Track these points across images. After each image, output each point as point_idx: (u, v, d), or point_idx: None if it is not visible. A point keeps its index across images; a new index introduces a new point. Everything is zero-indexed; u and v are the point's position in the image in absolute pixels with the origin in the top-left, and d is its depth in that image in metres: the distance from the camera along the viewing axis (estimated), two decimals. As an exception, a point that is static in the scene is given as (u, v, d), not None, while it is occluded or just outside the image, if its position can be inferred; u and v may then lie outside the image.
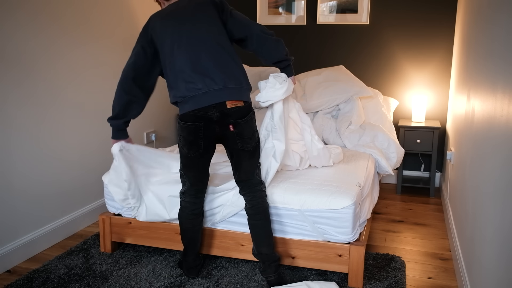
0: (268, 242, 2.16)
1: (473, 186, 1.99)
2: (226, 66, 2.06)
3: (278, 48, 2.20)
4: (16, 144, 2.40)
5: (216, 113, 2.01)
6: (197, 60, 2.03)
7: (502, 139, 1.47)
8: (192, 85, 2.01)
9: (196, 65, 2.03)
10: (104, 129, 3.10)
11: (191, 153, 2.08)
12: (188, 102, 2.02)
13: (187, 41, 2.05)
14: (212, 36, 2.08)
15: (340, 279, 2.26)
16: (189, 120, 2.02)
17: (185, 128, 2.04)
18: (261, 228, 2.16)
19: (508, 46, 1.48)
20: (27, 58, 2.43)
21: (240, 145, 2.09)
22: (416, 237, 2.84)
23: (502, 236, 1.38)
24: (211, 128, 2.05)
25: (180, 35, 2.07)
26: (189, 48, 2.05)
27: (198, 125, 2.02)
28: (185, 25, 2.08)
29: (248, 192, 2.17)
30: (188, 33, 2.06)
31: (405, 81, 3.83)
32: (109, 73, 3.12)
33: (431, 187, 3.61)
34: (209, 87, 2.00)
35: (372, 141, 3.17)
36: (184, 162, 2.13)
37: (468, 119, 2.33)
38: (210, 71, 2.03)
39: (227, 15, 2.16)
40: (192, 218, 2.22)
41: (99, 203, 3.10)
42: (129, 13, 3.30)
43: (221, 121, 2.03)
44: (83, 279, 2.26)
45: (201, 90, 2.00)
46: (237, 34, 2.17)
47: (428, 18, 3.67)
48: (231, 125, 2.05)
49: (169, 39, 2.07)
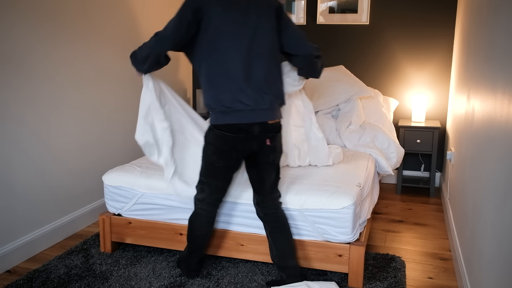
0: (294, 253, 2.15)
1: (473, 186, 1.99)
2: (274, 84, 2.01)
3: (319, 71, 2.19)
4: (16, 144, 2.40)
5: (258, 128, 1.97)
6: (251, 71, 1.94)
7: (502, 139, 1.47)
8: (240, 98, 1.92)
9: (249, 76, 1.93)
10: (104, 129, 3.10)
11: (220, 162, 2.01)
12: (231, 115, 1.94)
13: (247, 45, 1.93)
14: (269, 47, 1.98)
15: (340, 279, 2.26)
16: (229, 130, 1.94)
17: (221, 137, 1.96)
18: (287, 239, 2.14)
19: (508, 46, 1.48)
20: (30, 63, 2.43)
21: (272, 158, 2.06)
22: (416, 237, 2.84)
23: (502, 236, 1.38)
24: (250, 142, 1.99)
25: (241, 37, 1.93)
26: (246, 55, 1.93)
27: (238, 137, 1.96)
28: (248, 26, 1.94)
29: (271, 205, 2.14)
30: (250, 36, 1.94)
31: (405, 81, 3.83)
32: (111, 74, 3.12)
33: (431, 187, 3.61)
34: (257, 105, 1.94)
35: (372, 141, 3.17)
36: (210, 170, 2.05)
37: (468, 119, 2.33)
38: (261, 88, 1.95)
39: (284, 26, 2.05)
40: (207, 226, 2.18)
41: (99, 203, 3.10)
42: (131, 15, 3.30)
43: (260, 135, 1.99)
44: (83, 279, 2.26)
45: (249, 107, 1.93)
46: (288, 49, 2.08)
47: (428, 18, 3.67)
48: (269, 139, 2.02)
49: (227, 35, 1.92)
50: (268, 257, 2.28)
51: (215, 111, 1.97)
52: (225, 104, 1.93)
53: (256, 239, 2.30)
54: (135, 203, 2.48)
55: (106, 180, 2.52)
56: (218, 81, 1.94)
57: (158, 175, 2.48)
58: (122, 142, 3.32)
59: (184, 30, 1.91)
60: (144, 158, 2.84)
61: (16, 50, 2.36)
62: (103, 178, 2.53)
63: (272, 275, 2.30)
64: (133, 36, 3.36)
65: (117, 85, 3.21)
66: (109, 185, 2.52)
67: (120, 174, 2.51)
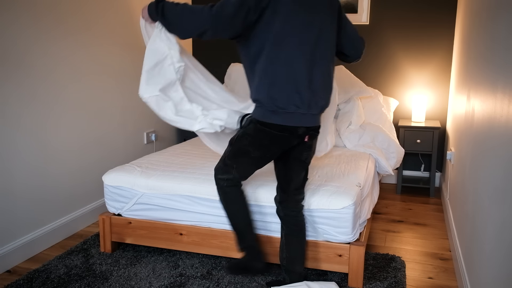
0: (304, 261, 2.13)
1: (473, 186, 1.99)
2: (329, 87, 1.95)
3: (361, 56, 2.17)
4: (16, 143, 2.40)
5: (303, 129, 1.92)
6: (312, 73, 1.85)
7: (502, 139, 1.47)
8: (295, 101, 1.83)
9: (310, 79, 1.84)
10: (104, 129, 3.10)
11: (256, 153, 1.94)
12: (281, 115, 1.85)
13: (312, 45, 1.83)
14: (331, 49, 1.91)
15: (340, 279, 2.26)
16: (274, 128, 1.87)
17: (263, 132, 1.89)
18: (301, 246, 2.11)
19: (508, 46, 1.48)
20: (29, 59, 2.43)
21: (305, 156, 2.00)
22: (416, 237, 2.84)
23: (502, 236, 1.38)
24: (292, 140, 1.93)
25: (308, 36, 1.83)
26: (310, 55, 1.83)
27: (282, 136, 1.89)
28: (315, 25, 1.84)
29: (293, 207, 2.09)
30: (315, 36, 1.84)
31: (405, 81, 3.83)
32: (110, 73, 3.12)
33: (431, 187, 3.61)
34: (309, 111, 1.87)
35: (372, 141, 3.17)
36: (242, 158, 1.97)
37: (468, 119, 2.33)
38: (318, 92, 1.88)
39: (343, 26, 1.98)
40: (241, 195, 2.08)
41: (99, 203, 3.10)
42: (129, 14, 3.30)
43: (303, 134, 1.94)
44: (83, 279, 2.26)
45: (301, 110, 1.85)
46: (344, 49, 2.03)
47: (428, 18, 3.67)
48: (308, 136, 1.95)
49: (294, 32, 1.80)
50: (268, 257, 2.28)
51: (264, 108, 1.87)
52: (279, 104, 1.83)
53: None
54: (135, 203, 2.48)
55: (106, 180, 2.52)
56: (277, 79, 1.82)
57: (158, 175, 2.48)
58: (122, 141, 3.32)
59: (243, 16, 1.76)
60: (144, 158, 2.84)
61: (14, 47, 2.36)
62: (103, 178, 2.53)
63: (272, 275, 2.30)
64: (134, 36, 3.36)
65: (117, 83, 3.21)
66: (109, 185, 2.52)
67: (120, 174, 2.51)
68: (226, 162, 2.01)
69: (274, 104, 1.83)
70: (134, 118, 3.44)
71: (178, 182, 2.40)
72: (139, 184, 2.46)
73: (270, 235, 2.28)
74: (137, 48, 3.42)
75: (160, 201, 2.43)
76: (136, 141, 3.49)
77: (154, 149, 3.75)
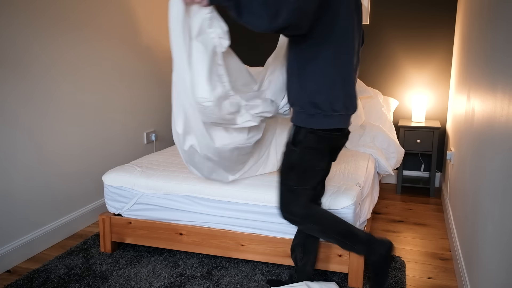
0: (315, 262, 2.14)
1: (473, 186, 1.99)
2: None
3: None
4: (16, 143, 2.40)
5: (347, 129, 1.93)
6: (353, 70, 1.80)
7: (502, 139, 1.47)
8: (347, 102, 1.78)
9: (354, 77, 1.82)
10: (104, 129, 3.10)
11: (321, 165, 1.87)
12: (336, 118, 1.78)
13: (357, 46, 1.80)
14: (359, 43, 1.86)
15: (340, 279, 2.26)
16: (334, 133, 1.82)
17: (324, 139, 1.80)
18: (317, 246, 2.11)
19: (508, 46, 1.48)
20: (27, 58, 2.43)
21: (335, 157, 1.99)
22: (416, 237, 2.84)
23: (502, 236, 1.38)
24: (344, 142, 1.93)
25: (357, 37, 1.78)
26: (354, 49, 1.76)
27: (338, 139, 1.88)
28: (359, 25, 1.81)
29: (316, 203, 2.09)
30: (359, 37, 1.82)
31: (405, 81, 3.83)
32: (110, 73, 3.12)
33: (431, 187, 3.61)
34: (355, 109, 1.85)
35: (372, 141, 3.17)
36: (308, 177, 1.86)
37: (468, 119, 2.33)
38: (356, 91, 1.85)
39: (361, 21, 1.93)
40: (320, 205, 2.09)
41: (99, 203, 3.10)
42: (129, 11, 3.30)
43: (347, 134, 1.95)
44: (83, 279, 2.26)
45: (349, 112, 1.83)
46: None
47: (428, 18, 3.67)
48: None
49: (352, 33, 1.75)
50: (268, 257, 2.28)
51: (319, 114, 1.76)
52: (336, 108, 1.76)
53: (256, 239, 2.30)
54: (135, 203, 2.48)
55: (106, 180, 2.52)
56: (336, 82, 1.74)
57: (158, 175, 2.48)
58: (122, 141, 3.32)
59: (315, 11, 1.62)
60: (144, 158, 2.84)
61: (12, 46, 2.36)
62: (103, 178, 2.53)
63: (272, 275, 2.30)
64: (133, 34, 3.36)
65: (117, 83, 3.21)
66: (109, 185, 2.52)
67: (120, 174, 2.51)
68: (295, 189, 1.85)
69: (331, 108, 1.75)
70: (134, 118, 3.44)
71: (178, 182, 2.40)
72: (139, 184, 2.46)
73: (270, 235, 2.28)
74: (137, 47, 3.42)
75: (160, 201, 2.43)
76: (136, 141, 3.49)
77: (154, 149, 3.75)
